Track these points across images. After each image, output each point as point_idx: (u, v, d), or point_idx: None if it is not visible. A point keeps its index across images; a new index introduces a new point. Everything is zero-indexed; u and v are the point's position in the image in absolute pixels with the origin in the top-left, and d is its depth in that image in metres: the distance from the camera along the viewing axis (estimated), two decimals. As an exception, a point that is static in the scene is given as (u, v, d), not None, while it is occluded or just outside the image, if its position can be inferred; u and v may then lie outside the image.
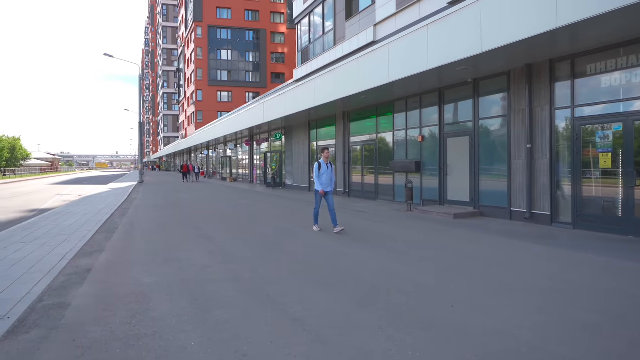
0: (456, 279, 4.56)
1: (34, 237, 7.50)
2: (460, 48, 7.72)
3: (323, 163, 7.73)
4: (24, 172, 54.26)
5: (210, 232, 8.03)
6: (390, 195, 13.09)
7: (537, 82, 8.25)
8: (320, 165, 7.70)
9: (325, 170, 7.71)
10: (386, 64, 9.90)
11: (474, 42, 7.33)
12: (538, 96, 8.23)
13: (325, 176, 7.70)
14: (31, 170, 59.56)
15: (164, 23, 76.97)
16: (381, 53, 10.11)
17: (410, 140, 12.16)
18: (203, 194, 18.25)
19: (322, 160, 7.79)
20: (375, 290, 4.16)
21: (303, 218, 9.87)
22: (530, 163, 8.32)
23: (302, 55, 19.24)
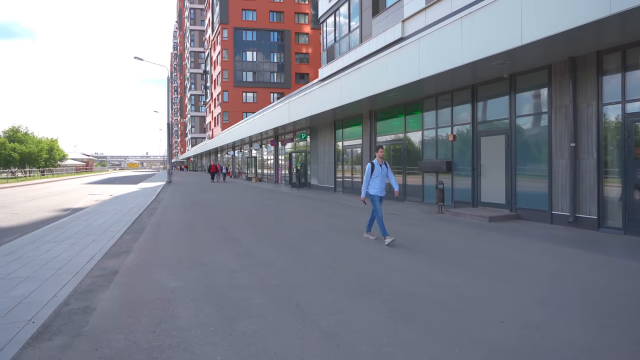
0: (501, 289, 4.18)
1: (65, 237, 7.60)
2: (498, 41, 7.25)
3: (377, 164, 6.72)
4: (60, 172, 56.73)
5: (237, 233, 7.91)
6: (418, 196, 12.65)
7: (582, 76, 7.65)
8: (374, 166, 6.69)
9: (380, 172, 6.69)
10: (416, 60, 9.51)
11: (513, 34, 6.86)
12: (583, 91, 7.63)
13: (380, 179, 6.72)
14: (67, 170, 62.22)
15: (191, 26, 78.67)
16: (411, 49, 9.73)
17: (441, 140, 11.68)
18: (229, 194, 18.33)
19: (376, 160, 6.79)
20: (412, 301, 3.85)
21: (330, 220, 9.62)
22: (574, 163, 7.73)
23: (327, 54, 19.00)
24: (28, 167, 47.63)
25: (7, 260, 5.75)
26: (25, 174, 45.21)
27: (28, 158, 47.85)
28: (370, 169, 6.72)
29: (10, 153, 45.42)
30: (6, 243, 7.19)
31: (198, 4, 77.87)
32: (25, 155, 47.34)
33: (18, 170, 46.25)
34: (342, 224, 8.96)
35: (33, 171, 47.49)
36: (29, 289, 4.25)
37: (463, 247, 6.43)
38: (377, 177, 6.71)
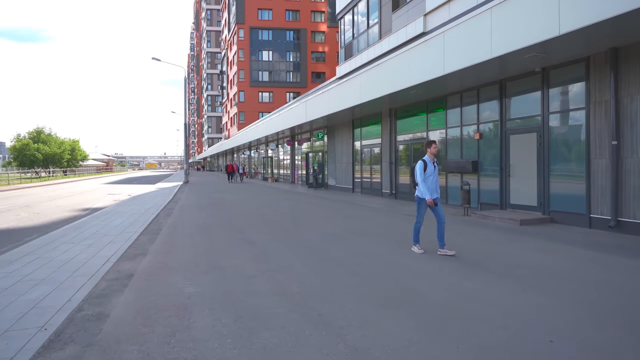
0: (546, 302, 3.78)
1: (83, 237, 7.51)
2: (532, 32, 6.78)
3: (429, 161, 5.85)
4: (82, 172, 58.07)
5: (254, 235, 7.67)
6: (442, 197, 12.14)
7: (625, 69, 7.10)
8: (427, 164, 5.82)
9: (432, 171, 5.86)
10: (441, 54, 9.08)
11: (549, 23, 6.39)
12: (626, 85, 7.08)
13: (433, 178, 5.86)
14: (88, 170, 63.68)
15: (208, 27, 79.44)
16: (435, 43, 9.30)
17: (466, 138, 11.20)
18: (245, 195, 18.20)
19: (428, 157, 5.90)
20: (447, 314, 3.50)
21: (350, 222, 9.29)
22: (615, 162, 7.19)
23: (345, 51, 18.66)
24: (51, 167, 48.87)
25: (25, 261, 5.65)
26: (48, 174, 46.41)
27: (51, 158, 49.11)
28: (423, 168, 5.80)
29: (34, 154, 46.71)
30: (26, 243, 7.15)
31: (214, 4, 78.54)
32: (49, 156, 48.60)
33: (42, 170, 47.51)
34: (363, 227, 8.62)
35: (56, 171, 48.71)
36: (44, 293, 4.09)
37: (497, 253, 6.00)
38: (429, 176, 5.83)
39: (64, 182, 34.84)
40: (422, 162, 5.87)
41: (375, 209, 11.75)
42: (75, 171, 55.31)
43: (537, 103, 8.95)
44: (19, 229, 9.29)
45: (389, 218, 9.82)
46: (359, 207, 12.45)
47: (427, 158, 5.89)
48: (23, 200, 16.77)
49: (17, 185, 28.23)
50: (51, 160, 49.22)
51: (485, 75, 9.58)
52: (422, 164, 5.85)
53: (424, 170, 5.81)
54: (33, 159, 46.82)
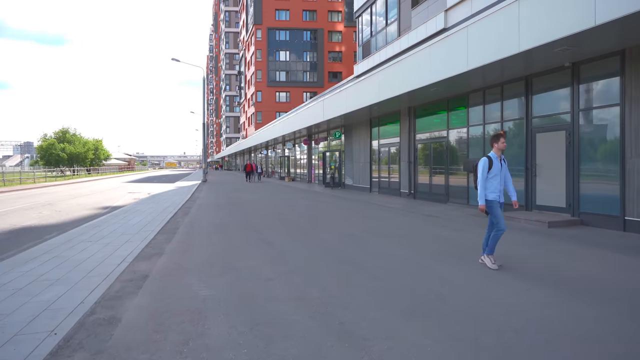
0: (594, 314, 3.48)
1: (101, 236, 7.53)
2: (564, 23, 6.40)
3: (495, 158, 4.95)
4: (105, 171, 59.58)
5: (270, 236, 7.53)
6: (462, 197, 11.79)
7: (664, 62, 6.64)
8: (492, 161, 4.93)
9: (498, 170, 4.93)
10: (464, 49, 8.74)
11: (584, 14, 6.00)
12: (667, 79, 6.61)
13: (498, 179, 4.96)
14: (111, 169, 65.29)
15: (226, 29, 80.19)
16: (458, 38, 8.96)
17: (489, 137, 10.77)
18: (262, 194, 18.15)
19: (494, 153, 5.00)
20: (479, 326, 3.24)
21: (368, 222, 9.05)
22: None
23: (363, 49, 18.38)
24: (76, 166, 50.26)
25: (43, 259, 5.65)
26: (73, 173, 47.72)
27: (76, 157, 50.53)
28: (487, 166, 4.91)
29: (59, 153, 48.13)
30: (45, 241, 7.20)
31: (233, 6, 79.21)
32: (73, 155, 50.02)
33: (67, 169, 48.91)
34: (382, 228, 8.37)
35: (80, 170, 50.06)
36: (57, 293, 4.03)
37: (528, 257, 5.67)
38: (495, 176, 4.93)
39: (87, 181, 35.71)
40: (486, 159, 4.97)
41: (394, 209, 11.46)
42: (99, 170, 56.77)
43: (566, 100, 8.51)
44: (41, 227, 9.43)
45: (409, 219, 9.53)
46: (377, 207, 12.19)
47: (493, 154, 4.98)
48: (46, 198, 17.18)
49: (42, 184, 29.07)
50: (75, 159, 50.65)
51: (510, 71, 9.18)
52: (485, 161, 4.95)
53: (488, 168, 4.91)
54: (58, 158, 48.25)
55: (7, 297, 3.91)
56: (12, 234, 8.54)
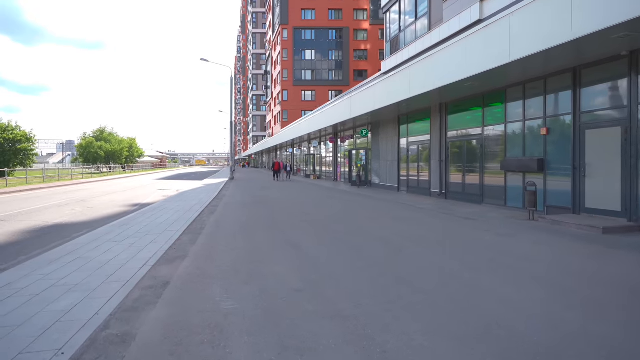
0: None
1: (126, 236, 7.42)
2: (625, 6, 5.68)
3: None
4: (138, 168, 61.51)
5: (298, 238, 7.18)
6: (499, 198, 11.04)
7: None
8: None
9: None
10: (506, 39, 8.06)
11: (652, -7, 5.28)
12: None
13: None
14: (144, 167, 67.37)
15: (253, 30, 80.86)
16: (499, 27, 8.29)
17: (530, 134, 10.01)
18: (288, 192, 17.90)
19: None
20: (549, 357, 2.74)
21: (401, 225, 8.55)
22: None
23: (391, 45, 17.74)
24: (112, 163, 52.11)
25: (66, 261, 5.54)
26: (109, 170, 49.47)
27: (112, 155, 52.43)
28: None
29: (97, 151, 50.03)
30: (73, 240, 7.16)
31: (260, 7, 79.76)
32: (109, 153, 51.90)
33: (103, 166, 50.78)
34: (416, 231, 7.85)
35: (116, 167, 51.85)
36: (73, 302, 3.82)
37: (593, 271, 5.04)
38: None
39: (121, 178, 36.79)
40: None
41: (426, 210, 10.87)
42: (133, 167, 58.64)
43: (622, 92, 7.69)
44: (71, 224, 9.50)
45: (444, 221, 8.94)
46: (407, 207, 11.63)
47: None
48: (81, 195, 17.62)
49: (78, 180, 30.15)
50: (111, 157, 52.54)
51: (555, 62, 8.42)
52: None
53: None
54: (96, 156, 50.17)
55: (22, 304, 3.74)
56: (43, 231, 8.61)
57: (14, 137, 29.69)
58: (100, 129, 54.06)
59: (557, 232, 7.44)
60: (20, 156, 30.50)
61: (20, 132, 30.09)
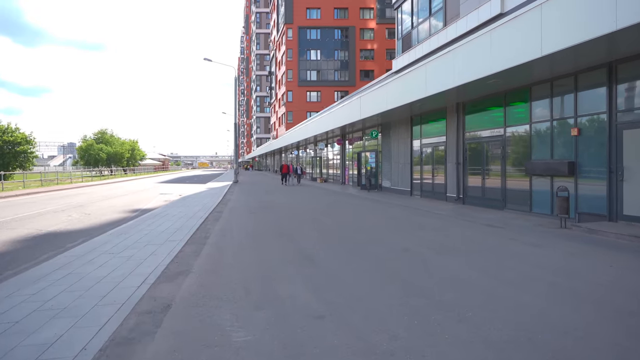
0: None
1: (125, 246, 6.83)
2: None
3: None
4: (140, 171, 61.11)
5: (311, 249, 6.54)
6: (524, 204, 10.35)
7: None
8: None
9: None
10: (537, 31, 7.41)
11: None
12: None
13: None
14: (146, 169, 66.95)
15: (257, 30, 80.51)
16: (529, 18, 7.64)
17: (558, 134, 9.34)
18: (296, 197, 17.27)
19: None
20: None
21: (421, 233, 7.88)
22: None
23: (403, 42, 17.11)
24: (113, 166, 51.71)
25: (55, 277, 4.95)
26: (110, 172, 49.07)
27: (113, 158, 52.01)
28: None
29: (98, 153, 49.64)
30: (66, 251, 6.58)
31: (264, 7, 79.43)
32: (111, 155, 51.49)
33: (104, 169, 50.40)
34: (439, 240, 7.18)
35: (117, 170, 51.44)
36: (58, 332, 3.21)
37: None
38: None
39: (122, 181, 36.32)
40: None
41: (445, 216, 10.21)
42: (135, 170, 58.24)
43: (668, 88, 7.00)
44: (66, 233, 8.93)
45: (468, 229, 8.28)
46: (424, 213, 10.96)
47: None
48: (79, 200, 17.08)
49: (78, 184, 29.64)
50: (113, 159, 52.13)
51: (588, 56, 7.75)
52: None
53: None
54: (97, 158, 49.76)
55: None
56: (36, 241, 8.04)
57: (14, 139, 29.26)
58: (101, 131, 53.73)
59: (595, 242, 6.76)
60: (20, 159, 30.05)
61: (20, 135, 29.66)
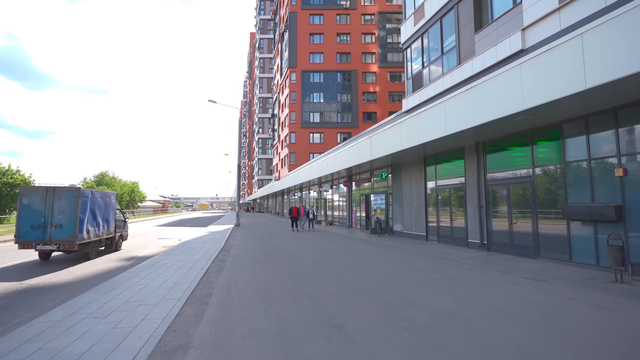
0: None
1: (113, 307, 5.73)
2: None
3: None
4: (140, 213, 59.87)
5: (338, 314, 5.43)
6: (562, 252, 9.28)
7: None
8: None
9: None
10: (579, 63, 6.76)
11: None
12: None
13: None
14: (146, 211, 65.76)
15: (260, 75, 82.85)
16: (568, 49, 7.03)
17: (598, 175, 8.48)
18: (303, 242, 16.13)
19: None
20: None
21: (459, 290, 6.76)
22: None
23: (413, 82, 16.79)
24: (111, 208, 50.59)
25: (19, 356, 3.85)
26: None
27: (112, 200, 51.03)
28: None
29: (97, 195, 48.77)
30: (41, 315, 5.48)
31: (267, 53, 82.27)
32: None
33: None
34: (483, 300, 6.07)
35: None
36: None
37: None
38: None
39: (120, 224, 35.08)
40: None
41: (475, 267, 9.09)
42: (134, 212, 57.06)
43: None
44: (50, 287, 7.81)
45: (509, 284, 7.16)
46: (450, 262, 9.84)
47: None
48: (72, 246, 15.93)
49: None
50: (112, 202, 51.12)
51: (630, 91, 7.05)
52: None
53: None
54: (96, 201, 48.79)
55: None
56: (13, 297, 6.93)
57: (13, 181, 28.54)
58: (101, 173, 53.34)
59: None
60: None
61: (19, 177, 28.99)
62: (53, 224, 10.94)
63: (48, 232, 10.90)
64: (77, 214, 11.08)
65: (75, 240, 10.93)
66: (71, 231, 10.97)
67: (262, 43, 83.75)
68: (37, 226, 10.87)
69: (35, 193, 11.21)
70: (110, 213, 13.39)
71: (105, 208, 12.97)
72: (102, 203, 12.71)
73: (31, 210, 10.96)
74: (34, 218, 10.91)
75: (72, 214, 11.08)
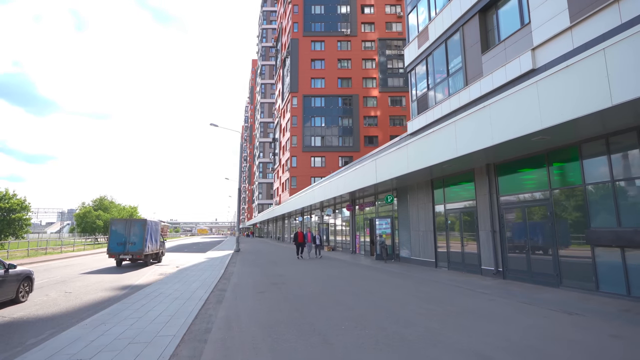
0: None
1: (100, 347, 5.10)
2: None
3: None
4: (137, 239, 58.84)
5: (351, 353, 4.79)
6: (587, 281, 8.64)
7: None
8: None
9: None
10: (603, 79, 6.40)
11: None
12: None
13: None
14: (144, 237, 64.64)
15: (261, 100, 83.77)
16: (591, 64, 6.68)
17: (624, 198, 7.97)
18: (306, 269, 15.41)
19: None
20: None
21: (487, 327, 6.10)
22: None
23: (419, 104, 16.55)
24: (110, 233, 49.76)
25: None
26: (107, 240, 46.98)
27: (110, 225, 50.26)
28: None
29: (95, 220, 48.05)
30: (17, 357, 4.83)
31: (268, 79, 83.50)
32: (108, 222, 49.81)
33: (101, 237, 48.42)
34: (515, 339, 5.42)
35: (113, 238, 49.42)
36: None
37: None
38: None
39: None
40: None
41: (494, 297, 8.42)
42: (132, 238, 56.10)
43: None
44: (34, 320, 7.16)
45: (538, 318, 6.50)
46: (466, 292, 9.17)
47: None
48: (63, 273, 15.18)
49: (67, 254, 27.50)
50: (110, 226, 50.34)
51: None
52: None
53: None
54: (94, 226, 48.06)
55: None
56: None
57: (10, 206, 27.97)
58: (100, 197, 52.81)
59: None
60: (14, 226, 28.44)
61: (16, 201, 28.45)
62: (129, 242, 17.43)
63: (127, 247, 17.47)
64: (145, 235, 17.70)
65: (143, 253, 17.49)
66: (140, 246, 17.55)
67: (264, 69, 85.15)
68: (120, 243, 17.47)
69: (119, 222, 18.21)
70: (158, 236, 19.91)
71: (156, 232, 19.37)
72: (155, 228, 19.28)
73: (117, 234, 17.62)
74: (118, 238, 17.52)
75: (141, 235, 17.65)
